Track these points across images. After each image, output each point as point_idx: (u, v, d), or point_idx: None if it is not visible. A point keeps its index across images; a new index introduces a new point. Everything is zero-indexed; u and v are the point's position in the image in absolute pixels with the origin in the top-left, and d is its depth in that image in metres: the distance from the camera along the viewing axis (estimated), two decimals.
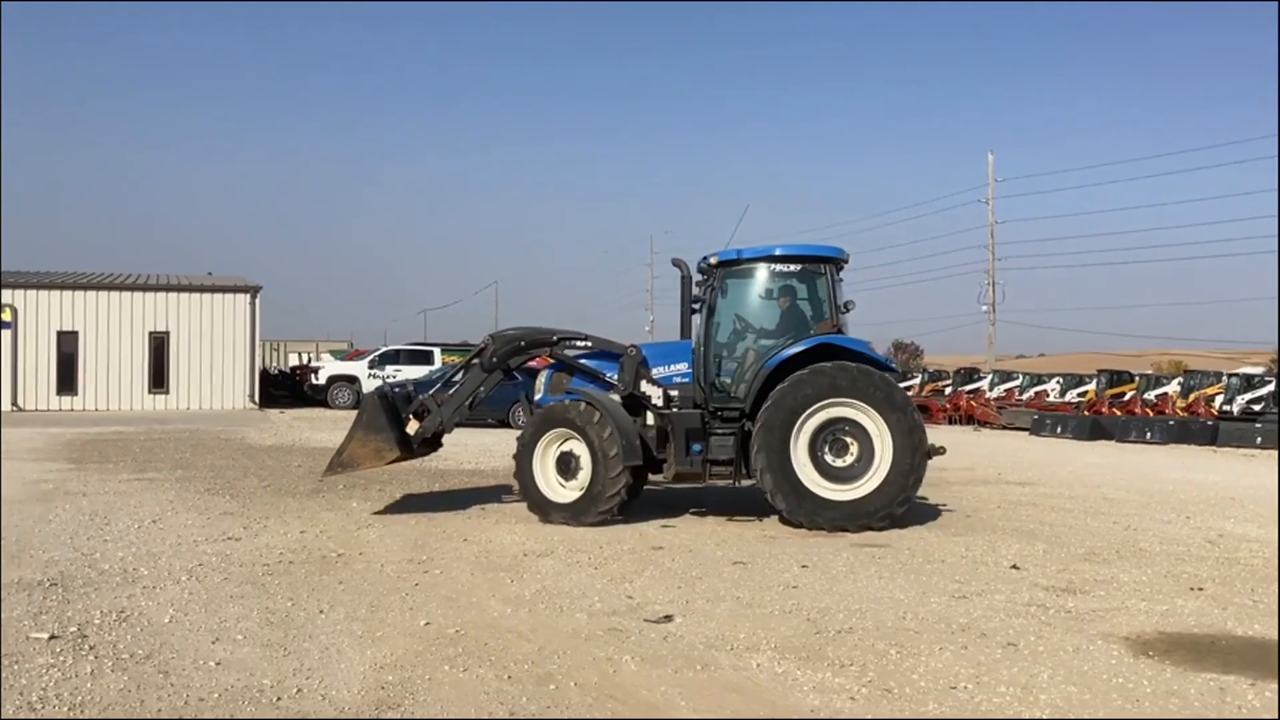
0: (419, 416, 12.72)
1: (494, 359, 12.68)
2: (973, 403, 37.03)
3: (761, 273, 12.18)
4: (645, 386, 12.08)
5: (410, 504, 12.96)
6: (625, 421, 11.66)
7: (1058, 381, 39.78)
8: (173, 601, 7.55)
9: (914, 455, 11.15)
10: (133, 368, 36.55)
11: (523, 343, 12.82)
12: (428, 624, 7.04)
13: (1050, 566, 9.48)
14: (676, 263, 12.68)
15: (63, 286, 36.71)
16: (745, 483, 12.03)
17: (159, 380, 36.58)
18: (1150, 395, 34.88)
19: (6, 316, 35.49)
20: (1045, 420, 31.99)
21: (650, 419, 12.07)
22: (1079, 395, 37.35)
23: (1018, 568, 9.35)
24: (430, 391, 13.09)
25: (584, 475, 11.47)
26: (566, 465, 11.65)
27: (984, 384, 40.69)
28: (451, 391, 12.94)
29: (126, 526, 10.87)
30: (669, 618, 7.26)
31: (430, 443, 13.06)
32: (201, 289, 37.95)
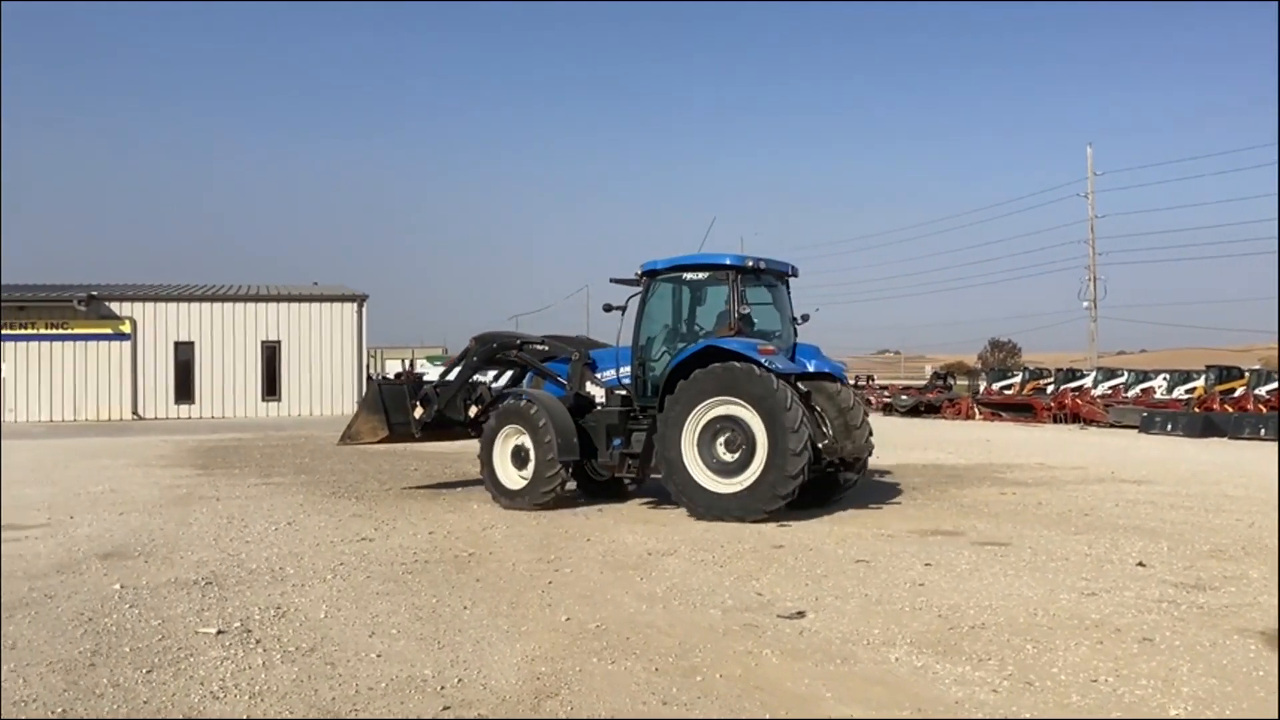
0: (423, 404, 14.75)
1: (475, 358, 14.80)
2: (1078, 401, 36.39)
3: (676, 281, 13.26)
4: (590, 387, 13.63)
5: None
6: (563, 420, 12.90)
7: (1164, 378, 38.92)
8: (324, 598, 7.93)
9: (789, 457, 11.44)
10: (246, 376, 37.74)
11: (495, 344, 14.89)
12: (568, 619, 7.30)
13: (1177, 563, 9.42)
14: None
15: (179, 299, 38.07)
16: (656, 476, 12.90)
17: (271, 388, 37.72)
18: (1262, 391, 33.94)
19: (126, 328, 36.95)
20: (1155, 418, 31.31)
21: None
22: (1187, 392, 36.48)
23: (1144, 565, 9.31)
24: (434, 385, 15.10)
25: (531, 467, 12.90)
26: (519, 457, 13.11)
27: (1088, 381, 39.97)
28: (446, 384, 14.96)
29: (264, 529, 11.35)
30: (801, 614, 7.42)
31: (442, 431, 15.17)
32: (310, 298, 39.04)
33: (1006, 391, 41.59)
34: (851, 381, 18.01)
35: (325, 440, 24.90)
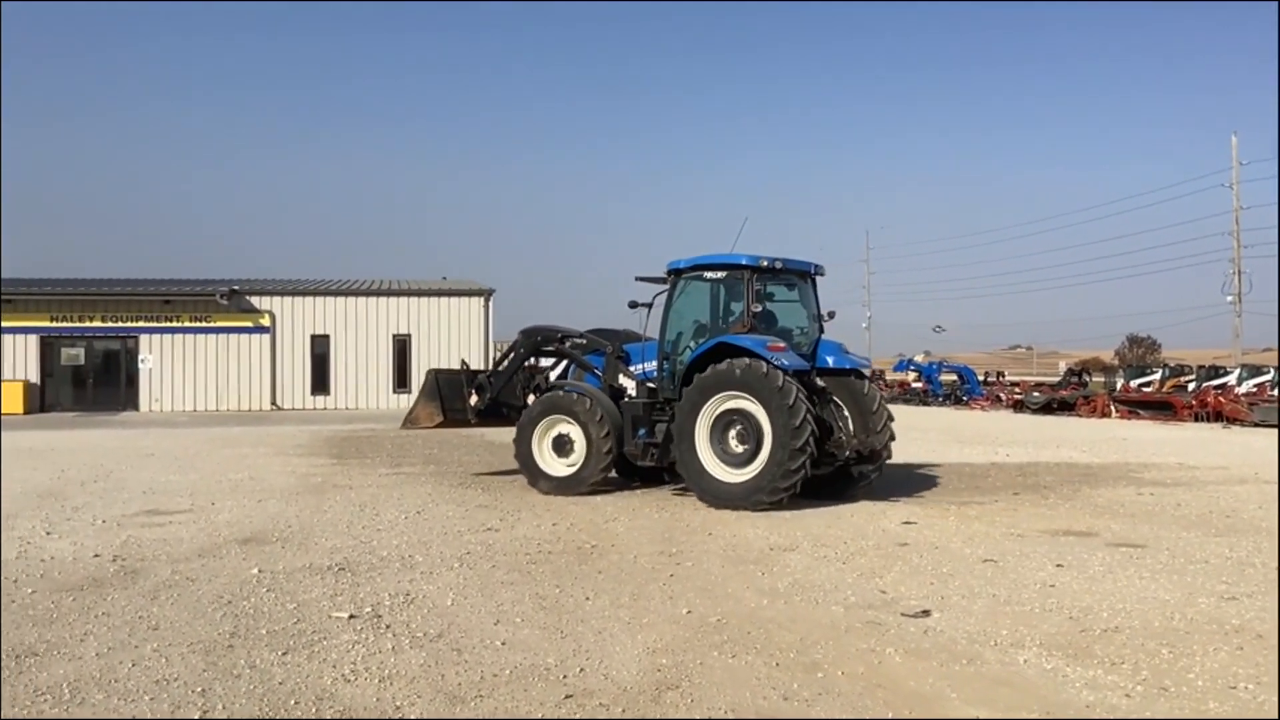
0: (478, 392, 15.70)
1: (522, 350, 15.74)
2: (1221, 399, 34.96)
3: (697, 280, 13.81)
4: (622, 379, 14.38)
5: (649, 498, 13.33)
6: (612, 413, 13.71)
7: None
8: (451, 586, 8.10)
9: (792, 444, 11.87)
10: (378, 368, 38.74)
11: (539, 338, 15.72)
12: (689, 612, 7.32)
13: None
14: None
15: (315, 293, 39.28)
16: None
17: (402, 380, 38.63)
18: None
19: (266, 322, 38.27)
20: None
21: None
22: None
23: None
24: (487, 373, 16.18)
25: (575, 455, 13.73)
26: (562, 446, 13.81)
27: (1231, 379, 38.38)
28: (498, 374, 15.92)
29: (395, 517, 11.65)
30: (926, 612, 7.31)
31: (495, 418, 15.97)
32: (439, 293, 39.89)
33: (1145, 389, 40.22)
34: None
35: (454, 432, 25.38)
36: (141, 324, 37.88)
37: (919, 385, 51.25)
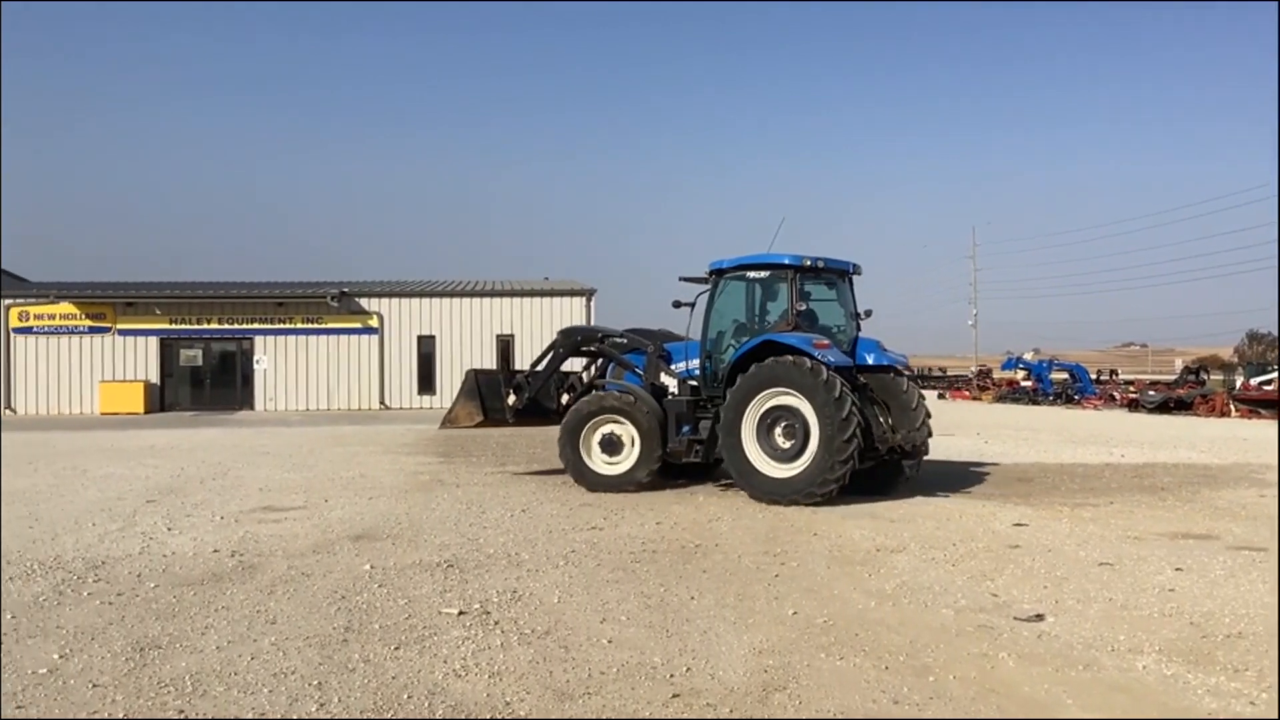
0: (516, 392, 15.81)
1: (561, 350, 15.81)
2: None
3: (740, 279, 14.04)
4: (664, 378, 14.50)
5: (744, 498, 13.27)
6: (659, 414, 13.93)
7: None
8: (557, 584, 8.17)
9: (838, 443, 12.09)
10: (482, 368, 39.14)
11: (579, 338, 15.97)
12: (795, 613, 7.26)
13: None
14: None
15: (421, 294, 39.95)
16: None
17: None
18: None
19: (374, 323, 39.06)
20: None
21: None
22: None
23: None
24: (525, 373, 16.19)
25: (625, 454, 13.95)
26: (611, 445, 14.00)
27: None
28: (536, 374, 15.92)
29: (500, 515, 11.79)
30: (1040, 617, 7.15)
31: (534, 418, 16.14)
32: (541, 293, 40.24)
33: (1266, 387, 38.73)
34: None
35: (555, 431, 25.61)
36: (256, 325, 38.96)
37: (1028, 384, 50.14)
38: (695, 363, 14.15)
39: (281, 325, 38.99)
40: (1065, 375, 49.87)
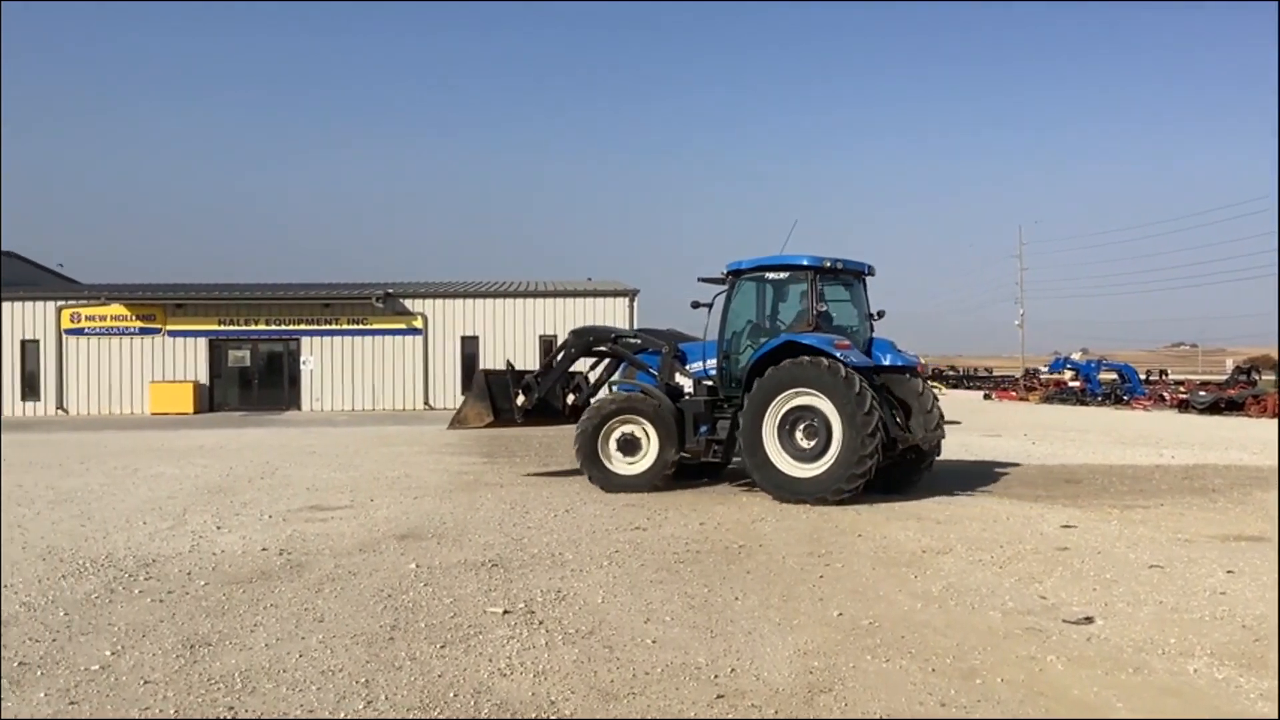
0: (525, 392, 15.84)
1: (573, 350, 15.90)
2: None
3: (759, 280, 14.12)
4: (679, 378, 14.61)
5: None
6: (676, 414, 14.00)
7: None
8: (601, 584, 8.19)
9: (861, 438, 12.22)
10: (526, 368, 39.26)
11: (591, 338, 16.00)
12: (840, 615, 7.23)
13: None
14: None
15: (465, 295, 40.14)
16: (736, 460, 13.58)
17: None
18: None
19: (419, 324, 39.32)
20: None
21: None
22: None
23: None
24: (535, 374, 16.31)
25: (643, 454, 14.01)
26: (628, 445, 14.04)
27: None
28: (547, 374, 16.04)
29: (544, 515, 11.82)
30: (1089, 619, 7.07)
31: (544, 418, 16.20)
32: (584, 294, 40.32)
33: None
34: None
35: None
36: (303, 326, 39.33)
37: (1076, 384, 49.53)
38: (712, 362, 14.23)
39: (327, 326, 39.34)
40: (1114, 375, 49.23)
